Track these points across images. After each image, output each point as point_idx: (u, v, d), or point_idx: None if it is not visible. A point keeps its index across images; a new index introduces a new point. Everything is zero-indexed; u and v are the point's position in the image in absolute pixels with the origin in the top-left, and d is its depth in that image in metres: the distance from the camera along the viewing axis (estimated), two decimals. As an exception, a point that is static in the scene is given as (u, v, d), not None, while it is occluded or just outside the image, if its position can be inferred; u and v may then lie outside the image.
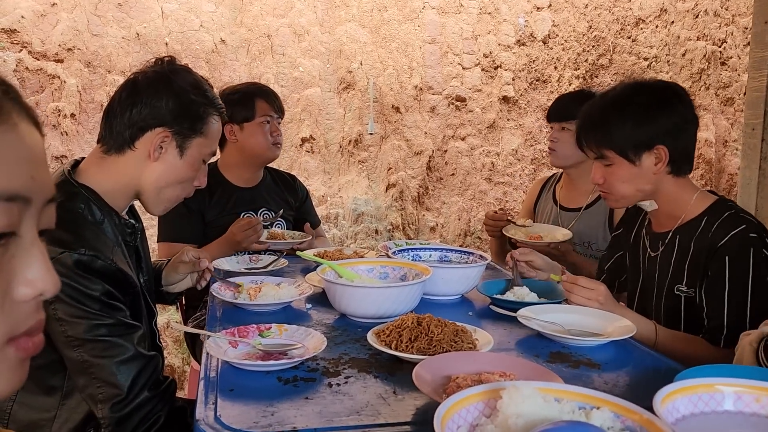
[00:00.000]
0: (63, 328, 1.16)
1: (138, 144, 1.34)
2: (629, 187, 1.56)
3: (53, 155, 3.34)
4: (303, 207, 2.54)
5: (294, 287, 1.62)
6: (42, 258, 0.51)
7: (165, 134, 1.34)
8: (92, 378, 1.18)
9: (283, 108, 2.40)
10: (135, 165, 1.35)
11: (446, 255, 1.85)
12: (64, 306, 1.15)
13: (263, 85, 2.46)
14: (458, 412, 0.79)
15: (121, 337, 1.19)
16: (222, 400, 1.03)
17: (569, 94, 2.40)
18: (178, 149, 1.37)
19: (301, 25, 3.72)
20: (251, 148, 2.30)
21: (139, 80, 1.35)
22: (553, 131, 2.29)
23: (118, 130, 1.33)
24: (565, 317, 1.44)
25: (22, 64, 3.26)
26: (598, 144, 1.57)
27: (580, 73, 4.05)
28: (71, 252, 1.16)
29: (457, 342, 1.19)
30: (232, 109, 2.29)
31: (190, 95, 1.36)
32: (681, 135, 1.53)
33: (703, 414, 0.84)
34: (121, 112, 1.33)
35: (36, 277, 0.50)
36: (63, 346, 1.18)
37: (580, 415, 0.80)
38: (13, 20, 3.23)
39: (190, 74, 1.41)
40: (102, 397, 1.18)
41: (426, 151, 3.98)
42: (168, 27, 3.49)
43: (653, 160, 1.53)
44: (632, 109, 1.53)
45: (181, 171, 1.40)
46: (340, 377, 1.13)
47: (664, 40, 3.89)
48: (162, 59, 1.40)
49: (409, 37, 3.90)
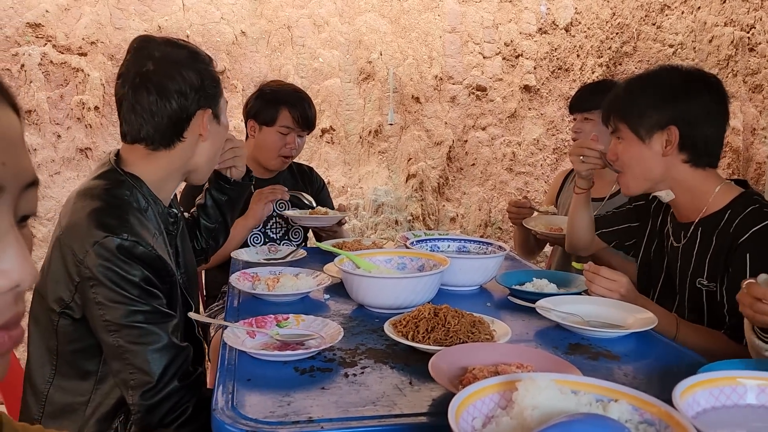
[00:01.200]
0: (101, 312, 1.18)
1: (186, 133, 1.37)
2: (637, 166, 1.54)
3: (78, 147, 3.39)
4: (320, 196, 2.55)
5: (312, 278, 1.63)
6: (18, 247, 0.47)
7: (207, 112, 1.38)
8: (126, 363, 1.20)
9: (309, 123, 2.33)
10: (187, 151, 1.39)
11: (465, 245, 1.84)
12: (104, 290, 1.17)
13: (300, 96, 2.35)
14: (473, 404, 0.79)
15: (156, 324, 1.21)
16: (239, 389, 1.03)
17: (591, 85, 2.36)
18: (216, 119, 1.42)
19: (321, 16, 3.71)
20: (260, 149, 2.32)
21: (151, 76, 1.32)
22: (576, 122, 2.26)
23: (164, 129, 1.34)
24: (584, 308, 1.42)
25: (47, 57, 3.30)
26: (615, 117, 1.57)
27: (603, 61, 3.99)
28: (114, 236, 1.18)
29: (474, 333, 1.18)
30: (260, 106, 2.30)
31: (199, 67, 1.37)
32: (700, 124, 1.48)
33: (725, 407, 0.82)
34: (160, 112, 1.32)
35: (10, 268, 0.46)
36: (101, 330, 1.20)
37: (597, 407, 0.78)
38: (38, 14, 3.27)
39: (177, 46, 1.37)
40: (134, 383, 1.19)
41: (446, 141, 3.95)
42: (189, 19, 3.51)
43: (663, 142, 1.49)
44: (655, 87, 1.51)
45: (222, 134, 1.47)
46: (356, 368, 1.13)
47: (690, 26, 3.81)
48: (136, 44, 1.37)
49: (429, 27, 3.87)
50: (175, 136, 1.36)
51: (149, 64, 1.33)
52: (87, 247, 1.18)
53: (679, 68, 1.56)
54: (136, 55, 1.35)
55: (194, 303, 1.50)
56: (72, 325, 1.24)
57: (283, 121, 2.28)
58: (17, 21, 3.24)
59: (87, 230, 1.19)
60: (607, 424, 0.70)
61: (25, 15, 3.25)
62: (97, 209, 1.23)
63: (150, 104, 1.32)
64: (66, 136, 3.38)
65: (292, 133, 2.30)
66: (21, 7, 3.25)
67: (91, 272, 1.17)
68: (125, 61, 1.37)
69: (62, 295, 1.23)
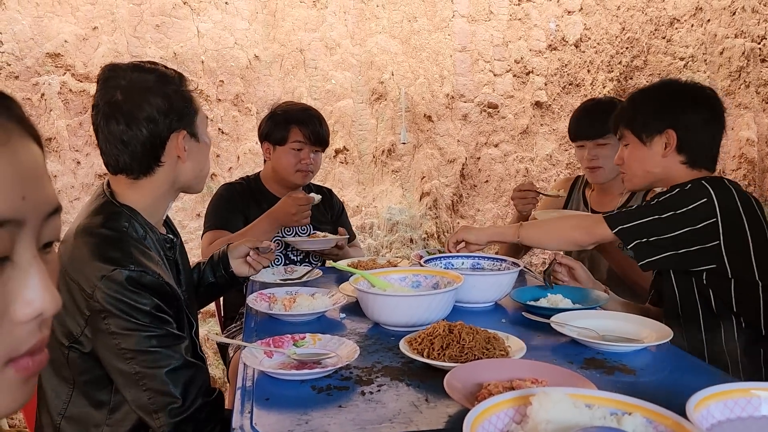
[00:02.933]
0: (116, 341, 1.21)
1: (164, 158, 1.38)
2: (639, 167, 1.71)
3: (97, 173, 3.45)
4: (339, 220, 2.57)
5: (328, 297, 1.64)
6: (40, 277, 0.49)
7: (181, 134, 1.39)
8: (144, 390, 1.21)
9: (322, 139, 2.36)
10: (168, 174, 1.40)
11: (479, 262, 1.84)
12: (117, 320, 1.20)
13: (307, 111, 2.40)
14: (488, 419, 0.80)
15: (170, 347, 1.23)
16: (258, 408, 1.05)
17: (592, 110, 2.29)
18: (193, 138, 1.43)
19: (333, 39, 3.77)
20: (278, 171, 2.36)
21: (120, 105, 1.33)
22: (589, 150, 2.23)
23: (140, 158, 1.36)
24: (599, 323, 1.42)
25: (66, 86, 3.39)
26: (620, 125, 1.75)
27: (613, 76, 4.00)
28: (122, 269, 1.21)
29: (489, 349, 1.19)
30: (272, 127, 2.34)
31: (168, 89, 1.37)
32: (697, 130, 1.65)
33: (740, 419, 0.82)
34: (132, 142, 1.34)
35: (34, 298, 0.48)
36: (116, 359, 1.22)
37: (611, 420, 0.79)
38: (57, 44, 3.36)
39: (145, 71, 1.38)
40: (156, 406, 1.21)
41: (459, 158, 3.97)
42: (204, 45, 3.58)
43: (663, 144, 1.66)
44: (655, 97, 1.71)
45: (204, 150, 1.48)
46: (372, 385, 1.14)
47: (701, 39, 3.81)
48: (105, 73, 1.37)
49: (439, 46, 3.91)
50: (152, 162, 1.37)
51: (117, 93, 1.34)
52: (95, 281, 1.20)
53: (678, 81, 1.76)
54: (104, 85, 1.36)
55: (194, 321, 1.52)
56: (81, 357, 1.26)
57: (294, 138, 2.31)
58: (37, 51, 3.33)
59: (92, 265, 1.21)
60: (621, 437, 0.71)
61: (45, 45, 3.34)
62: (99, 243, 1.25)
63: (121, 134, 1.34)
64: (85, 162, 3.45)
65: (305, 149, 2.32)
66: (41, 37, 3.34)
67: (102, 305, 1.19)
68: (96, 92, 1.38)
69: (71, 328, 1.24)
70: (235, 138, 3.65)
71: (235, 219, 2.29)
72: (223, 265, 1.74)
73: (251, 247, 1.75)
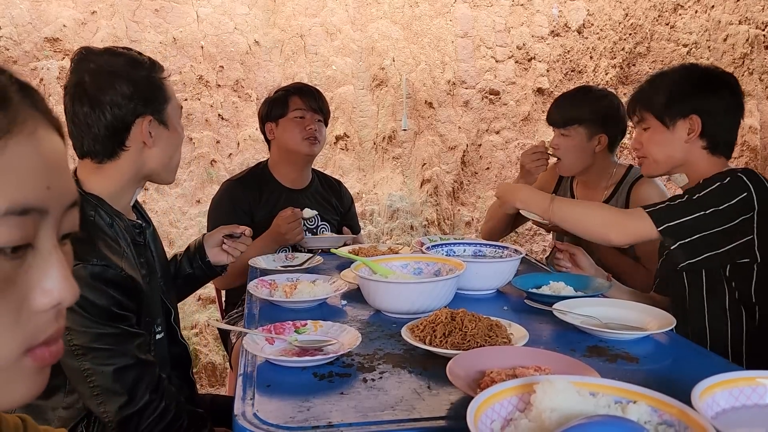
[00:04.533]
0: (69, 337, 1.19)
1: (128, 142, 1.36)
2: (661, 151, 1.65)
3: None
4: (348, 213, 2.57)
5: (329, 284, 1.64)
6: (60, 267, 0.49)
7: (147, 120, 1.36)
8: (91, 387, 1.21)
9: (323, 107, 2.36)
10: (134, 159, 1.38)
11: (480, 250, 1.84)
12: (73, 315, 1.18)
13: (304, 85, 2.45)
14: (492, 407, 0.79)
15: (123, 345, 1.23)
16: (259, 395, 1.04)
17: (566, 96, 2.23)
18: (162, 125, 1.40)
19: (333, 24, 3.74)
20: (285, 144, 2.33)
21: (86, 88, 1.33)
22: (555, 137, 2.17)
23: (102, 141, 1.34)
24: (602, 311, 1.42)
25: (65, 71, 3.36)
26: (640, 108, 1.68)
27: (616, 62, 3.97)
28: (85, 264, 1.19)
29: (491, 337, 1.18)
30: (271, 107, 2.34)
31: (138, 74, 1.35)
32: (719, 116, 1.61)
33: (745, 407, 0.82)
34: (95, 124, 1.33)
35: (54, 287, 0.49)
36: (66, 355, 1.20)
37: (616, 409, 0.79)
38: (56, 29, 3.33)
39: (115, 55, 1.37)
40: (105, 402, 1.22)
41: (460, 145, 3.96)
42: (203, 30, 3.55)
43: (686, 129, 1.61)
44: (679, 82, 1.65)
45: (175, 139, 1.45)
46: (374, 372, 1.14)
47: (704, 25, 3.78)
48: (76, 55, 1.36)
49: (440, 32, 3.88)
50: (116, 146, 1.35)
51: (85, 76, 1.33)
52: None
53: (700, 66, 1.73)
54: (75, 67, 1.35)
55: (173, 307, 1.53)
56: None
57: (294, 107, 2.30)
58: (35, 36, 3.31)
59: None
60: (626, 426, 0.70)
61: (43, 30, 3.31)
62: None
63: (85, 116, 1.33)
64: (85, 148, 3.43)
65: (307, 116, 2.31)
66: (39, 22, 3.31)
67: None
68: (68, 74, 1.38)
69: None
70: (235, 124, 3.63)
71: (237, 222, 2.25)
72: (200, 255, 1.74)
73: (225, 235, 1.75)
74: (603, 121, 2.11)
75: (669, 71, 1.71)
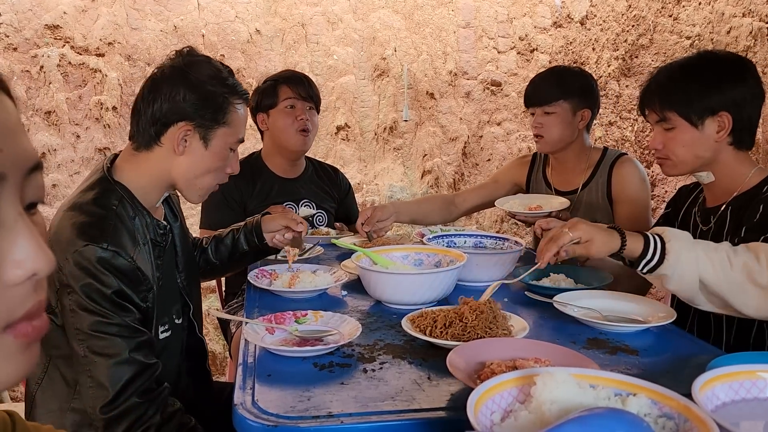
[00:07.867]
0: (73, 319, 1.20)
1: (163, 139, 1.36)
2: (689, 152, 1.54)
3: (97, 147, 3.43)
4: (345, 200, 2.55)
5: (330, 274, 1.64)
6: (30, 235, 0.45)
7: (187, 128, 1.36)
8: (88, 376, 1.21)
9: (312, 94, 2.34)
10: (163, 159, 1.37)
11: (481, 241, 1.84)
12: (77, 297, 1.19)
13: (294, 72, 2.41)
14: (492, 398, 0.79)
15: (121, 338, 1.21)
16: (260, 385, 1.05)
17: (543, 76, 2.22)
18: (202, 141, 1.38)
19: (335, 13, 3.72)
20: (277, 136, 2.32)
21: (157, 76, 1.37)
22: (536, 116, 2.15)
23: (144, 127, 1.36)
24: (602, 303, 1.42)
25: (65, 59, 3.35)
26: (662, 106, 1.55)
27: (619, 54, 3.95)
28: (95, 246, 1.19)
29: (491, 328, 1.18)
30: (261, 97, 2.32)
31: (207, 86, 1.36)
32: (747, 107, 1.51)
33: (745, 401, 0.82)
34: (145, 109, 1.35)
35: (25, 257, 0.45)
36: (71, 338, 1.22)
37: (616, 401, 0.79)
38: (56, 16, 3.31)
39: (208, 64, 1.39)
40: (92, 396, 1.21)
41: (461, 137, 3.95)
42: (204, 19, 3.53)
43: (716, 127, 1.51)
44: (701, 74, 1.53)
45: (208, 161, 1.40)
46: (375, 363, 1.14)
47: (708, 17, 3.76)
48: (181, 51, 1.40)
49: (442, 22, 3.86)
50: (152, 139, 1.36)
51: (168, 67, 1.37)
52: (67, 255, 1.19)
53: (718, 53, 1.58)
54: (170, 59, 1.39)
55: (193, 304, 1.51)
56: (55, 330, 1.25)
57: (284, 96, 2.28)
58: (36, 23, 3.29)
59: (69, 238, 1.21)
60: (626, 419, 0.70)
61: (44, 17, 3.29)
62: (82, 218, 1.24)
63: (143, 100, 1.36)
64: (85, 136, 3.42)
65: (298, 106, 2.29)
66: (39, 9, 3.29)
67: (68, 280, 1.19)
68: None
69: (50, 299, 1.23)
70: (235, 113, 3.62)
71: (230, 217, 2.22)
72: (257, 235, 1.72)
73: (285, 226, 1.71)
74: (587, 96, 2.12)
75: (687, 63, 1.58)
